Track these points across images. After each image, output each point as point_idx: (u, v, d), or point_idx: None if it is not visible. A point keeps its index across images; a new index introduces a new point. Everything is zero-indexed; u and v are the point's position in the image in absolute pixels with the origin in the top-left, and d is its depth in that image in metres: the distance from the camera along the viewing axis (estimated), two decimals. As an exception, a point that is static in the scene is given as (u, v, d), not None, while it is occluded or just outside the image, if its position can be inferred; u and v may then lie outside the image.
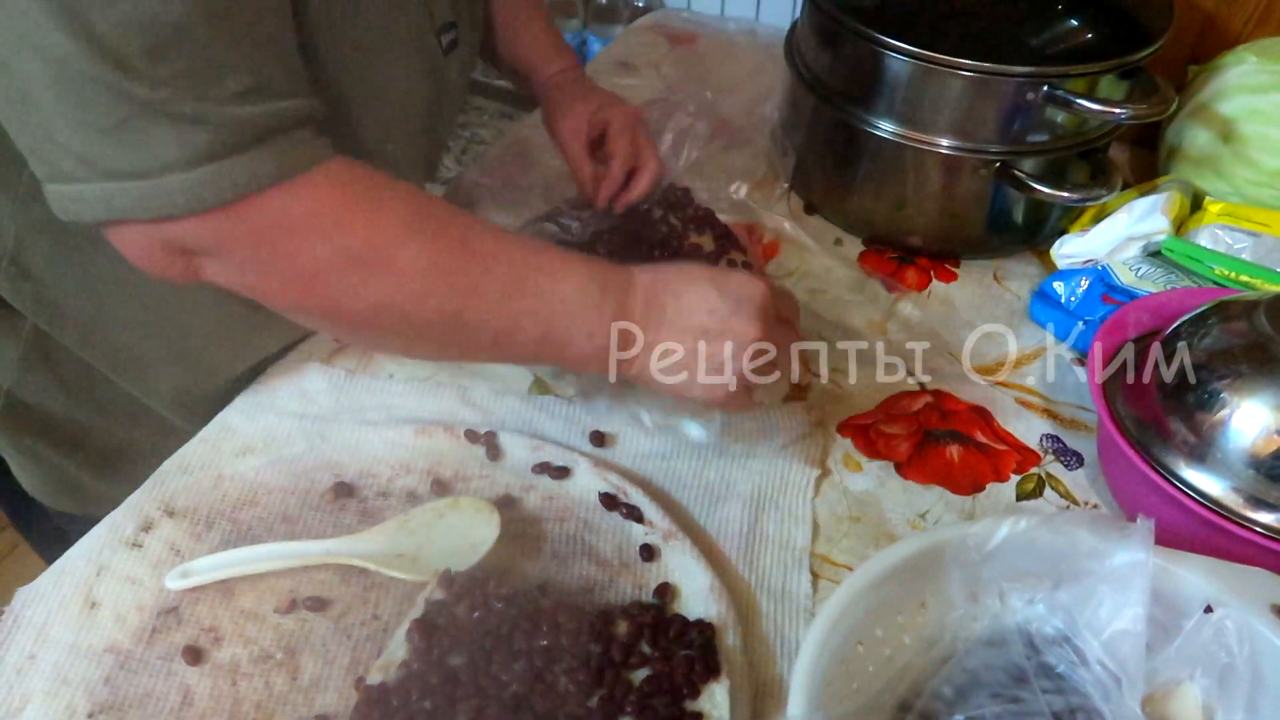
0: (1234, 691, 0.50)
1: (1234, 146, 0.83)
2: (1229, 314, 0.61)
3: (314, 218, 0.52)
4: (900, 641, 0.54)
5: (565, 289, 0.56)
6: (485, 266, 0.55)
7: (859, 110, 0.82)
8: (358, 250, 0.52)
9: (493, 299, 0.55)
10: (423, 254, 0.54)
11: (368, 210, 0.53)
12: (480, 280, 0.55)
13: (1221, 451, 0.57)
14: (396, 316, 0.54)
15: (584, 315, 0.57)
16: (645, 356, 0.59)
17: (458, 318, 0.55)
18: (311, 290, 0.53)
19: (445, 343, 0.58)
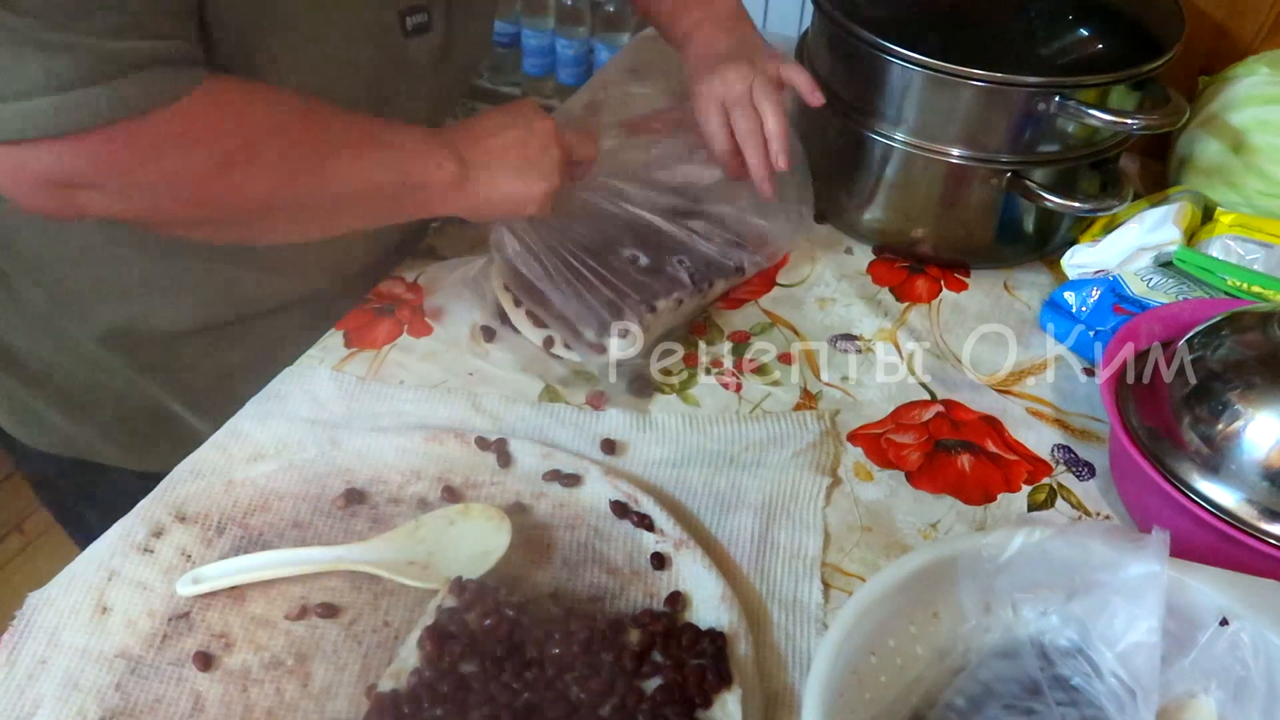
0: (1249, 705, 0.50)
1: (1245, 157, 0.83)
2: (1242, 325, 0.61)
3: (189, 133, 0.57)
4: (913, 652, 0.54)
5: (405, 137, 0.67)
6: (338, 134, 0.64)
7: (869, 119, 0.83)
8: (232, 152, 0.59)
9: (349, 158, 0.64)
10: (285, 140, 0.61)
11: (236, 116, 0.59)
12: (337, 146, 0.63)
13: (1235, 463, 0.57)
14: (275, 202, 0.63)
15: (427, 151, 0.67)
16: (480, 184, 0.69)
17: (324, 186, 0.63)
18: (196, 198, 0.60)
19: (319, 213, 0.67)
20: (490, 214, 0.72)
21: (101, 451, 0.83)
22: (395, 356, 0.75)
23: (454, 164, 0.67)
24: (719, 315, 0.82)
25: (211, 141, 0.58)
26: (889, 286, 0.86)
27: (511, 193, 0.70)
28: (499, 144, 0.69)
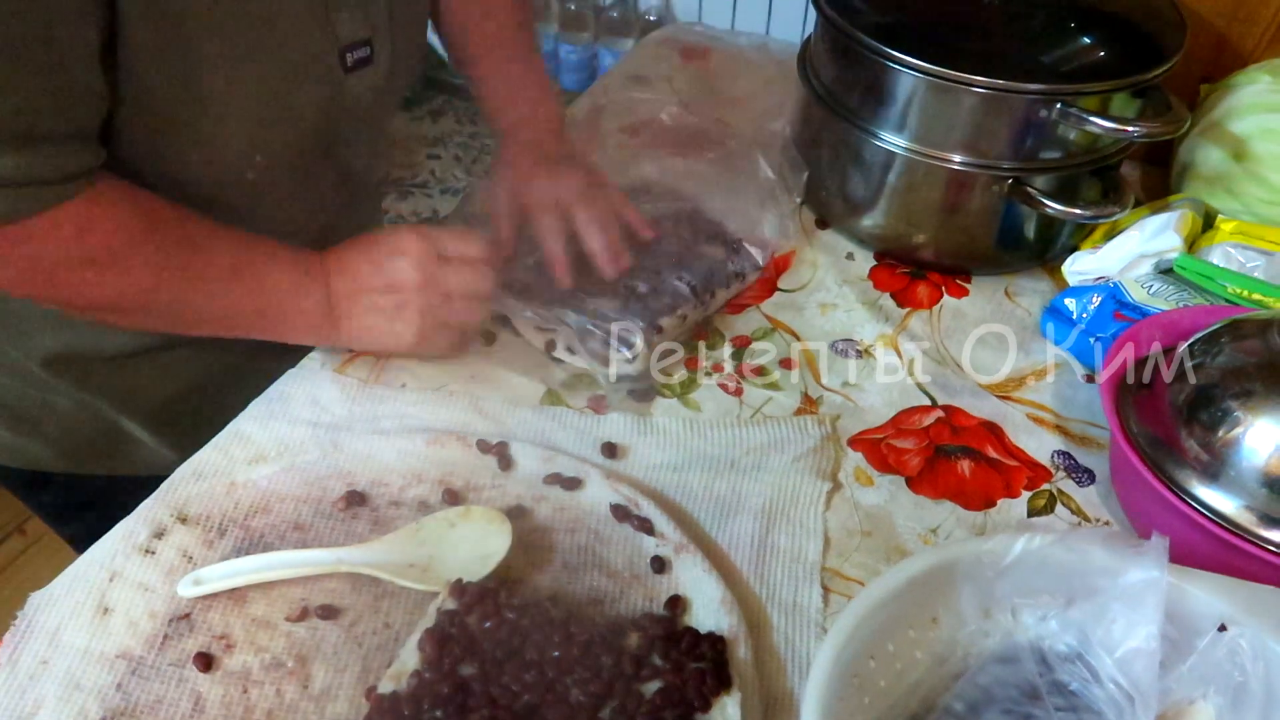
0: (1248, 711, 0.50)
1: (1246, 165, 0.83)
2: (1242, 332, 0.61)
3: (55, 228, 0.59)
4: (912, 657, 0.54)
5: (276, 274, 0.67)
6: (207, 260, 0.65)
7: (871, 125, 0.83)
8: (93, 253, 0.61)
9: (214, 286, 0.66)
10: (155, 254, 0.63)
11: (105, 220, 0.61)
12: (203, 271, 0.65)
13: (1235, 469, 0.57)
14: (130, 305, 0.65)
15: (294, 293, 0.68)
16: (350, 324, 0.70)
17: (185, 303, 0.66)
18: (49, 284, 0.62)
19: (176, 322, 0.69)
20: (364, 349, 0.74)
21: (51, 463, 0.82)
22: (397, 360, 0.76)
23: (320, 304, 0.69)
24: (721, 320, 0.82)
25: (74, 242, 0.60)
26: (890, 292, 0.86)
27: (380, 338, 0.71)
28: (367, 287, 0.69)
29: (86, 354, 0.76)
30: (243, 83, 0.64)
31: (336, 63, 0.69)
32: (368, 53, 0.71)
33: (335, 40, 0.68)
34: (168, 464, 0.81)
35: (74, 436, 0.81)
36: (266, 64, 0.64)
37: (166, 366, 0.78)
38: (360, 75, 0.71)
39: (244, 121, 0.65)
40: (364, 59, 0.71)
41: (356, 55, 0.70)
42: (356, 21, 0.69)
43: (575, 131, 1.01)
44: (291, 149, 0.71)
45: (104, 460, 0.82)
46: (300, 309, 0.68)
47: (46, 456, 0.81)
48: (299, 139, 0.71)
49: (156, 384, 0.79)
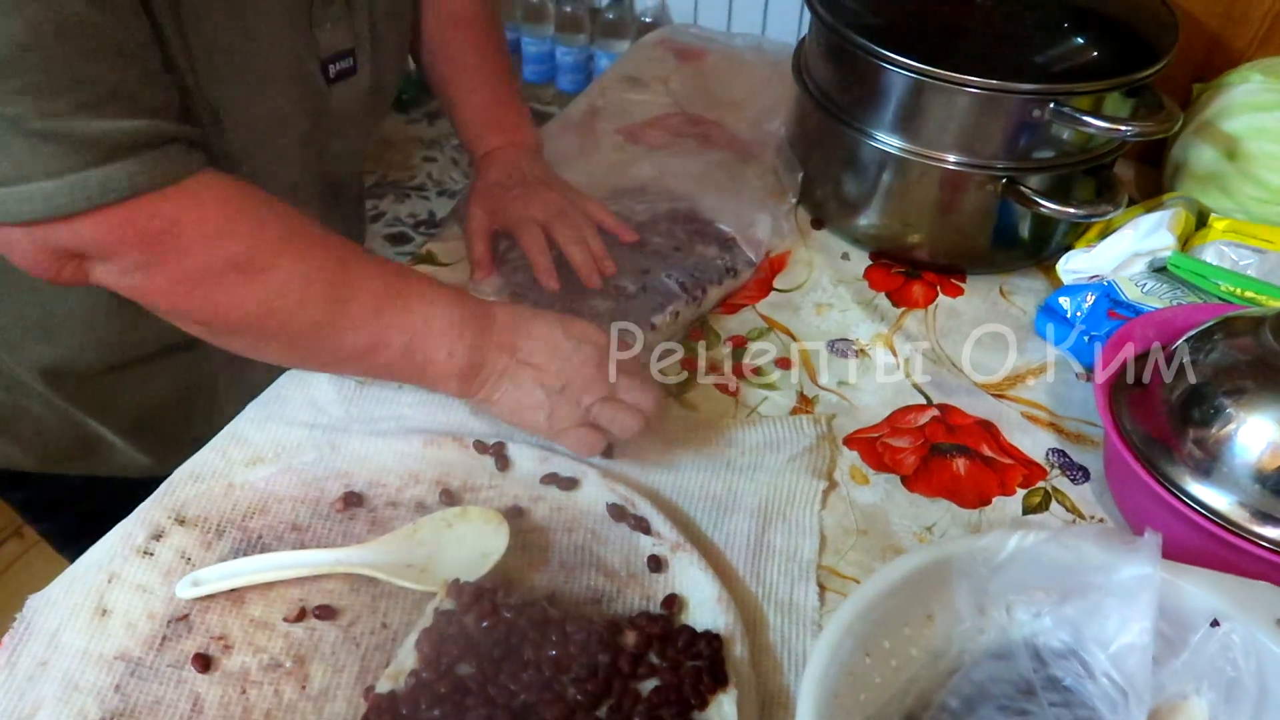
0: (1240, 706, 0.51)
1: (1239, 164, 0.84)
2: (1235, 330, 0.62)
3: (199, 225, 0.56)
4: (907, 654, 0.54)
5: (432, 310, 0.63)
6: (359, 281, 0.61)
7: (866, 125, 0.83)
8: (240, 257, 0.58)
9: (364, 311, 0.61)
10: (301, 264, 0.59)
11: (252, 221, 0.58)
12: (354, 292, 0.61)
13: (1228, 466, 0.58)
14: (273, 322, 0.60)
15: (446, 335, 0.63)
16: (493, 387, 0.65)
17: (331, 326, 0.61)
18: (193, 293, 0.58)
19: (317, 349, 0.64)
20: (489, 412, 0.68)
21: (23, 463, 0.82)
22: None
23: (467, 358, 0.63)
24: (716, 320, 0.82)
25: (216, 241, 0.57)
26: (885, 292, 0.86)
27: (514, 418, 0.66)
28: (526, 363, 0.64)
29: (74, 368, 0.75)
30: (224, 92, 0.64)
31: (319, 74, 0.70)
32: (350, 64, 0.72)
33: (317, 52, 0.69)
34: (141, 467, 0.82)
35: (48, 441, 0.80)
36: (247, 74, 0.65)
37: (145, 377, 0.78)
38: (343, 86, 0.72)
39: (228, 131, 0.65)
40: (347, 70, 0.72)
41: (339, 67, 0.71)
42: (339, 33, 0.70)
43: (571, 133, 1.02)
44: (276, 159, 0.71)
45: (76, 462, 0.82)
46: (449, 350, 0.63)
47: (19, 457, 0.81)
48: (283, 149, 0.71)
49: (135, 394, 0.79)
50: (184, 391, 0.81)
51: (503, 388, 0.65)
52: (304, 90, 0.69)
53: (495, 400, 0.65)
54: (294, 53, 0.67)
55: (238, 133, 0.66)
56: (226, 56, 0.63)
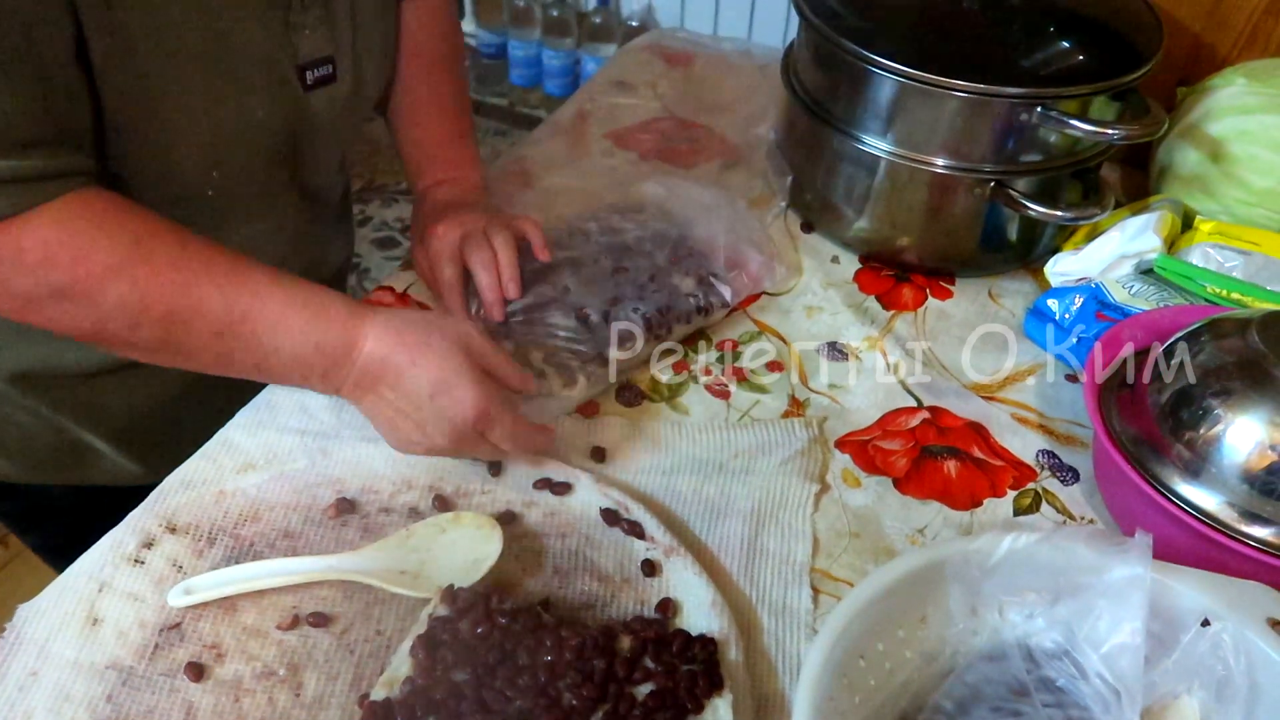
0: (1231, 705, 0.51)
1: (1224, 166, 0.84)
2: (1222, 331, 0.62)
3: (19, 255, 0.56)
4: (901, 656, 0.54)
5: (279, 343, 0.61)
6: (197, 309, 0.59)
7: (855, 130, 0.84)
8: (61, 285, 0.57)
9: (204, 337, 0.60)
10: (132, 292, 0.58)
11: (80, 249, 0.57)
12: (190, 321, 0.59)
13: (1217, 467, 0.58)
14: (109, 339, 0.60)
15: (295, 366, 0.62)
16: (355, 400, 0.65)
17: (170, 346, 0.61)
18: (26, 314, 0.59)
19: (165, 361, 0.63)
20: None
21: (9, 473, 0.82)
22: (385, 366, 0.76)
23: (322, 385, 0.64)
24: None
25: (38, 270, 0.56)
26: (875, 295, 0.87)
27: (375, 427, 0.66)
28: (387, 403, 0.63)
29: (52, 371, 0.75)
30: (195, 97, 0.64)
31: (295, 80, 0.69)
32: (330, 70, 0.71)
33: (294, 57, 0.68)
34: (131, 475, 0.81)
35: (35, 451, 0.80)
36: (219, 79, 0.65)
37: (132, 382, 0.78)
38: (322, 93, 0.71)
39: (199, 136, 0.65)
40: (326, 77, 0.71)
41: (318, 73, 0.70)
42: (318, 39, 0.70)
43: (561, 138, 1.02)
44: (251, 165, 0.71)
45: (65, 472, 0.82)
46: (302, 377, 0.63)
47: (5, 468, 0.81)
48: (258, 155, 0.71)
49: (123, 400, 0.79)
50: (173, 397, 0.80)
51: (362, 405, 0.65)
52: (279, 96, 0.69)
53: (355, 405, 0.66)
54: (269, 58, 0.67)
55: (203, 139, 0.66)
56: (193, 61, 0.62)
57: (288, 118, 0.70)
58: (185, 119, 0.64)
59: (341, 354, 0.62)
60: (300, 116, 0.71)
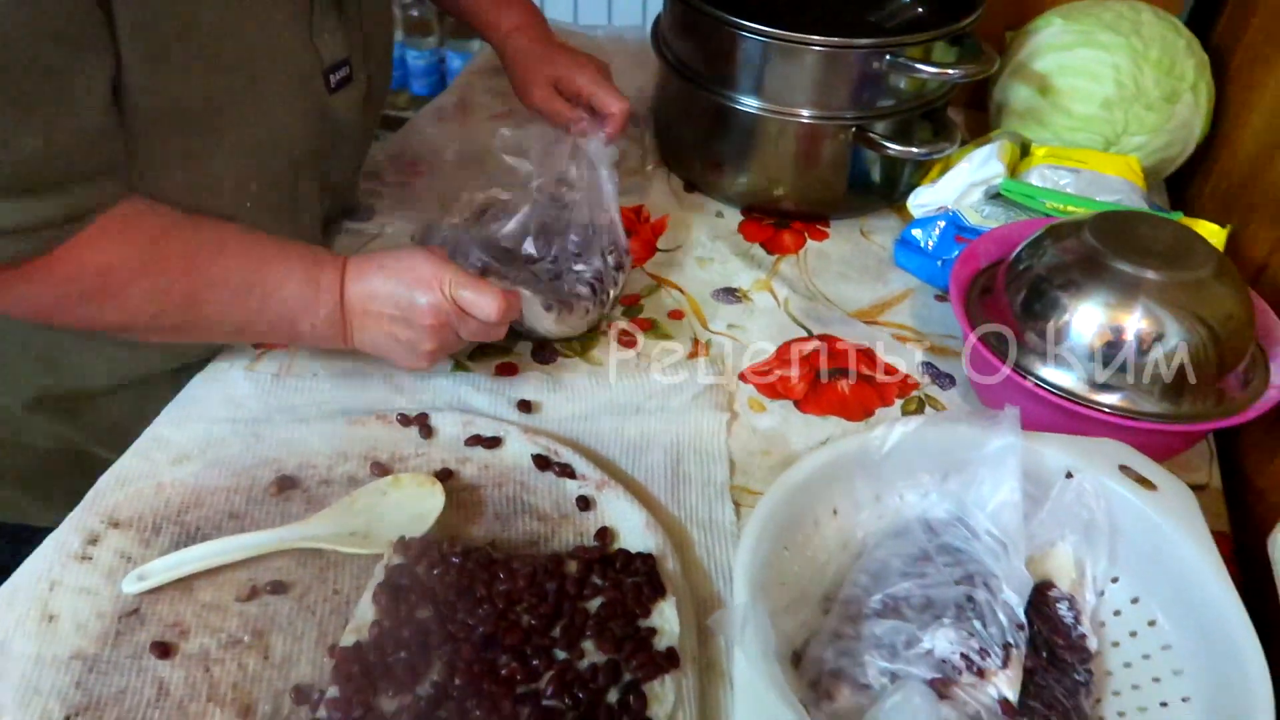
0: (1098, 543, 0.59)
1: (1051, 98, 0.94)
2: (1061, 234, 0.71)
3: (50, 272, 0.61)
4: (820, 543, 0.61)
5: (285, 293, 0.68)
6: (211, 285, 0.66)
7: (725, 90, 0.90)
8: (88, 292, 0.63)
9: (221, 308, 0.67)
10: (152, 288, 0.64)
11: (106, 261, 0.62)
12: (208, 297, 0.66)
13: (1068, 349, 0.67)
14: (138, 330, 0.67)
15: (303, 311, 0.68)
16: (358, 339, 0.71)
17: (191, 325, 0.68)
18: (56, 317, 0.66)
19: (189, 338, 0.72)
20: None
21: (25, 511, 0.81)
22: (305, 352, 0.78)
23: (330, 315, 0.69)
24: (609, 283, 0.87)
25: (68, 283, 0.62)
26: (759, 242, 0.94)
27: (391, 358, 0.72)
28: (384, 313, 0.69)
29: (70, 389, 0.76)
30: (237, 111, 0.66)
31: (322, 84, 0.72)
32: (348, 72, 0.74)
33: (320, 62, 0.71)
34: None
35: (47, 475, 0.80)
36: (259, 91, 0.66)
37: (142, 396, 0.77)
38: (343, 94, 0.74)
39: (240, 151, 0.67)
40: (345, 78, 0.74)
41: (339, 75, 0.73)
42: (337, 42, 0.72)
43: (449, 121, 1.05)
44: (284, 174, 0.73)
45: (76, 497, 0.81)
46: (311, 323, 0.69)
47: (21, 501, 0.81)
48: (291, 164, 0.73)
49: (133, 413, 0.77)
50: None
51: (366, 337, 0.70)
52: (309, 103, 0.72)
53: (366, 347, 0.71)
54: (298, 64, 0.70)
55: (243, 154, 0.68)
56: (228, 74, 0.64)
57: (317, 123, 0.73)
58: (224, 136, 0.67)
59: (334, 287, 0.68)
60: (326, 120, 0.74)
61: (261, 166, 0.71)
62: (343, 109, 0.75)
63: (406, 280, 0.68)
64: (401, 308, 0.68)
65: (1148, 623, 0.58)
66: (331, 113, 0.74)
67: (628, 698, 0.54)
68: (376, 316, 0.69)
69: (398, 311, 0.68)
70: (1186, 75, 0.91)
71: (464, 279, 0.68)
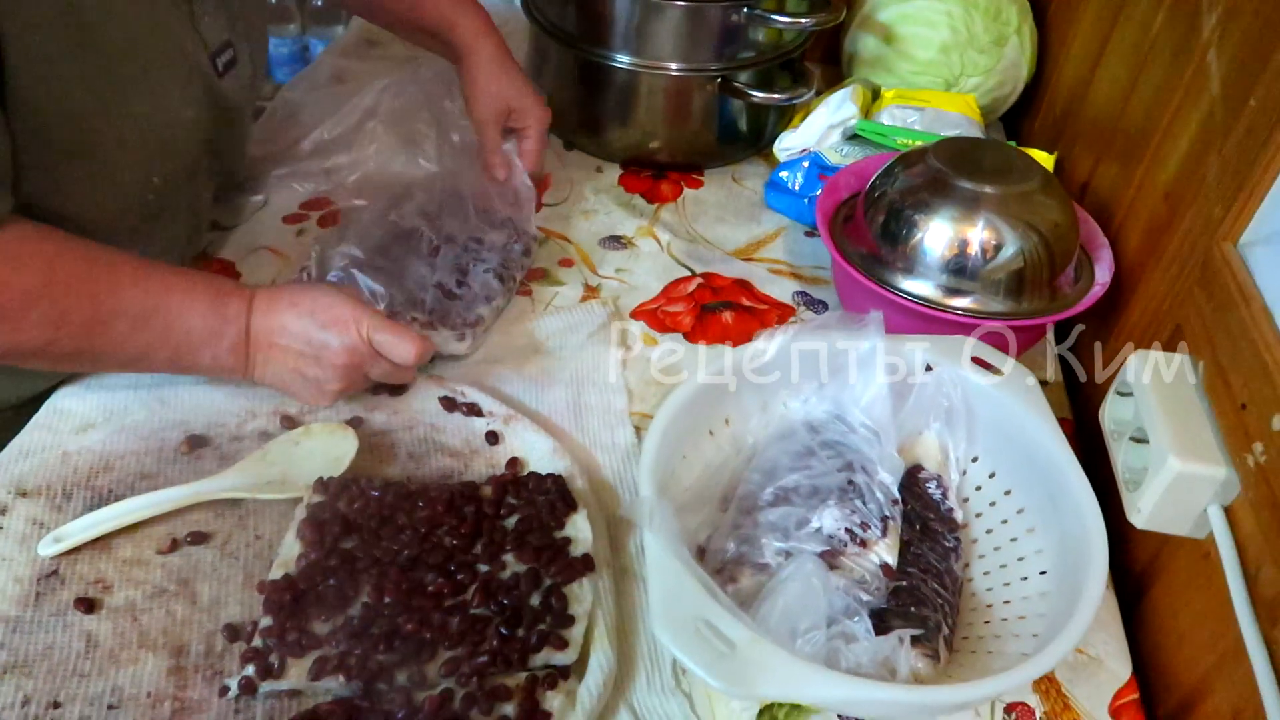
0: (958, 428, 0.67)
1: (895, 46, 1.02)
2: (909, 162, 0.78)
3: None
4: (716, 451, 0.66)
5: (188, 323, 0.65)
6: (112, 313, 0.63)
7: (597, 48, 0.94)
8: None
9: (119, 337, 0.64)
10: (51, 311, 0.61)
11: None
12: (108, 324, 0.63)
13: (922, 261, 0.74)
14: (30, 354, 0.63)
15: (205, 342, 0.66)
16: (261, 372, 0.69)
17: (88, 352, 0.64)
18: None
19: (83, 367, 0.70)
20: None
21: None
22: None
23: (234, 346, 0.67)
24: (498, 238, 0.91)
25: None
26: (639, 193, 0.99)
27: (291, 392, 0.70)
28: (292, 348, 0.67)
29: None
30: (130, 103, 0.65)
31: (210, 68, 0.71)
32: (232, 55, 0.74)
33: (204, 46, 0.71)
34: None
35: None
36: (150, 81, 0.66)
37: None
38: (231, 77, 0.74)
39: (137, 143, 0.67)
40: (231, 60, 0.74)
41: (225, 58, 0.73)
42: (218, 26, 0.72)
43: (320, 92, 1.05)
44: (181, 164, 0.72)
45: None
46: (213, 354, 0.67)
47: None
48: (187, 152, 0.72)
49: None
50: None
51: (269, 369, 0.69)
52: (200, 88, 0.71)
53: (267, 380, 0.69)
54: (184, 51, 0.69)
55: (142, 148, 0.67)
56: (118, 66, 0.63)
57: (210, 108, 0.72)
58: (139, 138, 0.66)
59: (239, 318, 0.66)
60: (218, 105, 0.73)
61: (162, 156, 0.70)
62: (232, 92, 0.75)
63: (321, 320, 0.67)
64: (313, 346, 0.67)
65: (1004, 492, 0.65)
66: (222, 97, 0.74)
67: (549, 599, 0.58)
68: (284, 351, 0.67)
69: (308, 349, 0.67)
70: (1011, 20, 1.01)
71: (380, 322, 0.68)
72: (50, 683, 0.55)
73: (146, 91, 0.66)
